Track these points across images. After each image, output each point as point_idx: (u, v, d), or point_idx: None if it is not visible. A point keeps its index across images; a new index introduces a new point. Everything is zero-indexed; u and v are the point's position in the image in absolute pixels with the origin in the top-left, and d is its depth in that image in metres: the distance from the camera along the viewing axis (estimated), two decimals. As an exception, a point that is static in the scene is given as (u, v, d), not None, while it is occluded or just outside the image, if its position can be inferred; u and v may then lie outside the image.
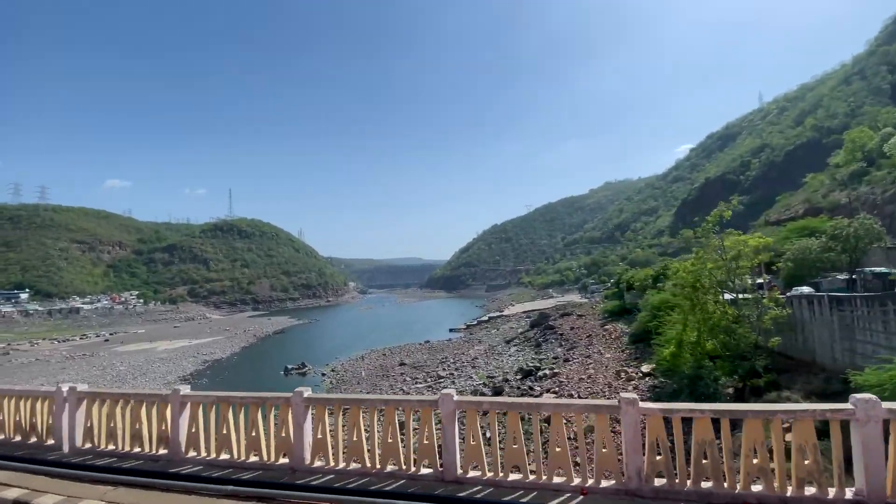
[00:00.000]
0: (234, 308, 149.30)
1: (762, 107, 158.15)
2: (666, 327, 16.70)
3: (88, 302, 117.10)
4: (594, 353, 23.51)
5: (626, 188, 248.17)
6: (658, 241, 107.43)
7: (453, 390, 5.81)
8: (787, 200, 52.22)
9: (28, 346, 72.33)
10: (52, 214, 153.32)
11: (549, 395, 17.32)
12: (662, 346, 15.75)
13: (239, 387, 43.60)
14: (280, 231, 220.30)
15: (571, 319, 43.27)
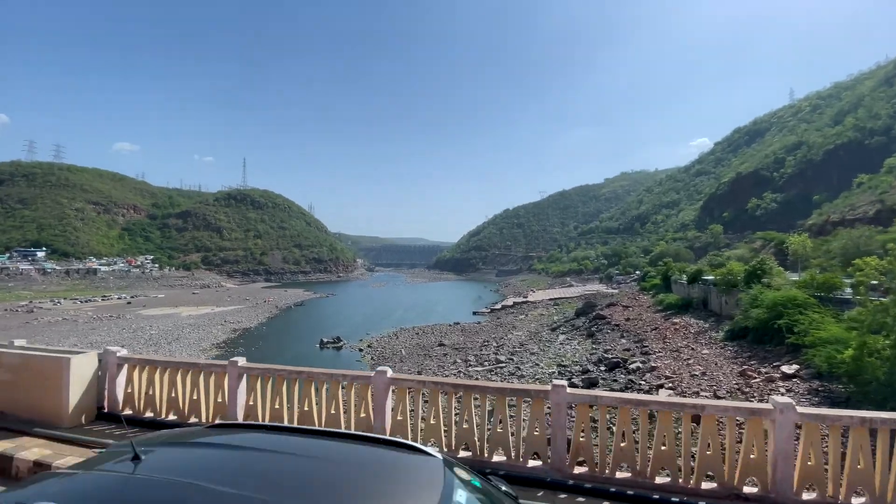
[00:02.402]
0: (247, 278, 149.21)
1: (793, 103, 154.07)
2: (806, 326, 15.75)
3: (105, 263, 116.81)
4: (682, 347, 22.53)
5: (644, 179, 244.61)
6: (682, 235, 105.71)
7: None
8: (849, 201, 50.45)
9: (51, 304, 72.12)
10: (66, 174, 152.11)
11: (663, 391, 16.40)
12: (809, 347, 14.78)
13: (276, 358, 43.13)
14: (292, 204, 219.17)
15: (618, 309, 42.26)
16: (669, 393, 16.06)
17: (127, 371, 7.25)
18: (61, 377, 6.59)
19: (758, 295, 20.62)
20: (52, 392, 6.62)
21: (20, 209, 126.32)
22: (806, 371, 14.26)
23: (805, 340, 15.39)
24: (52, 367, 6.70)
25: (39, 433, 6.18)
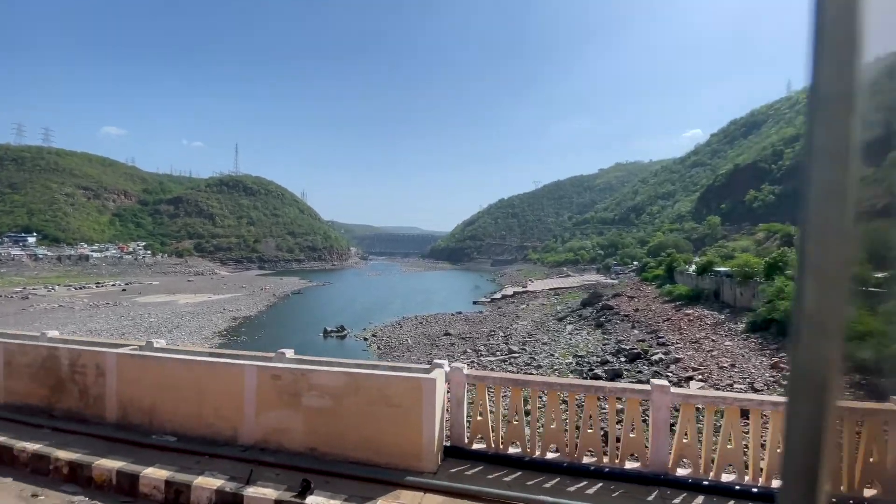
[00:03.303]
0: (241, 265, 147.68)
1: (790, 95, 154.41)
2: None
3: (97, 250, 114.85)
4: (701, 339, 22.51)
5: (638, 170, 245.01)
6: (679, 227, 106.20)
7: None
8: (853, 193, 50.52)
9: (45, 291, 70.79)
10: (56, 158, 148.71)
11: (693, 383, 16.31)
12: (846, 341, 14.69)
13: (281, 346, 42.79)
14: (285, 191, 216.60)
15: (624, 300, 42.33)
16: (701, 385, 15.99)
17: (476, 392, 6.17)
18: (419, 405, 5.28)
19: (783, 287, 20.60)
20: (408, 425, 5.34)
21: (10, 194, 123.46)
22: (842, 364, 14.20)
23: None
24: (405, 392, 5.40)
25: (414, 483, 4.87)
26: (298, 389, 5.72)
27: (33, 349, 7.37)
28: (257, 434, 5.90)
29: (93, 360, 6.87)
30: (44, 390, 7.15)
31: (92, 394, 6.85)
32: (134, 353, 6.92)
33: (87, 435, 6.30)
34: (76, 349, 7.11)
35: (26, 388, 7.32)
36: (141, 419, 6.54)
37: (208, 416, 6.17)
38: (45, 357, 7.19)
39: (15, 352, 7.44)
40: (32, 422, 6.76)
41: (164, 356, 6.76)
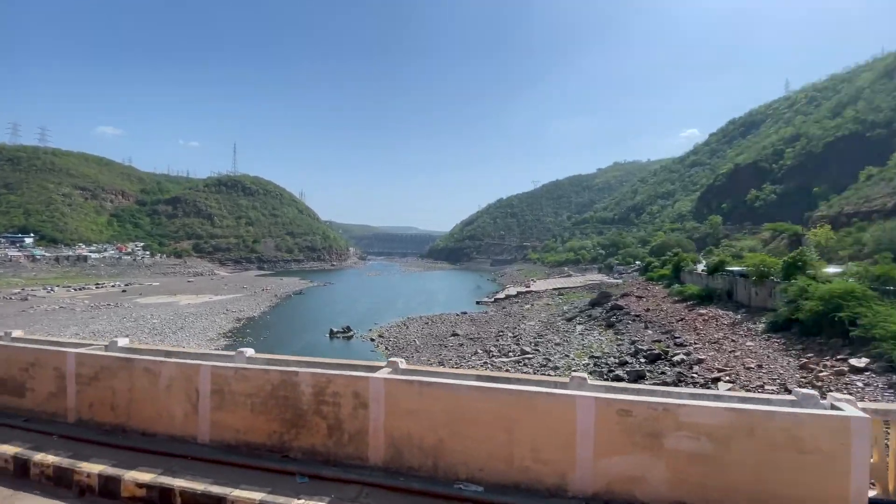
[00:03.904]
0: (240, 266, 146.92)
1: (789, 95, 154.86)
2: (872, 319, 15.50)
3: (95, 250, 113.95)
4: (721, 339, 22.31)
5: (636, 170, 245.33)
6: (681, 226, 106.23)
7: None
8: (861, 193, 50.64)
9: (44, 292, 70.06)
10: (52, 158, 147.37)
11: (722, 384, 16.08)
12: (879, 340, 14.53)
13: (287, 348, 42.31)
14: (284, 191, 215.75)
15: (633, 300, 42.14)
16: (730, 387, 15.76)
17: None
18: (847, 451, 4.26)
19: (806, 286, 20.42)
20: (830, 477, 4.28)
21: (6, 194, 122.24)
22: (878, 364, 14.06)
23: (874, 333, 15.17)
24: (825, 434, 4.32)
25: None
26: (659, 429, 4.76)
27: (258, 375, 6.30)
28: (598, 483, 4.94)
29: (349, 388, 5.88)
30: (274, 425, 6.12)
31: (347, 429, 5.85)
32: (410, 379, 5.86)
33: (352, 482, 5.28)
34: (323, 374, 6.06)
35: (246, 422, 6.26)
36: (420, 461, 5.54)
37: (522, 460, 5.19)
38: (276, 384, 6.12)
39: (230, 378, 6.39)
40: (255, 464, 5.70)
41: (454, 383, 5.69)
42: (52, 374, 7.51)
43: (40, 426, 7.17)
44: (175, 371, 6.70)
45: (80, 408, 7.33)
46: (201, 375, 6.51)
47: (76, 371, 7.33)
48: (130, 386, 6.95)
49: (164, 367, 6.78)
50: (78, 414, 7.33)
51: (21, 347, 8.02)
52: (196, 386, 6.53)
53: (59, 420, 7.40)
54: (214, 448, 6.31)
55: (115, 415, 7.05)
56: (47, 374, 7.56)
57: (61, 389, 7.43)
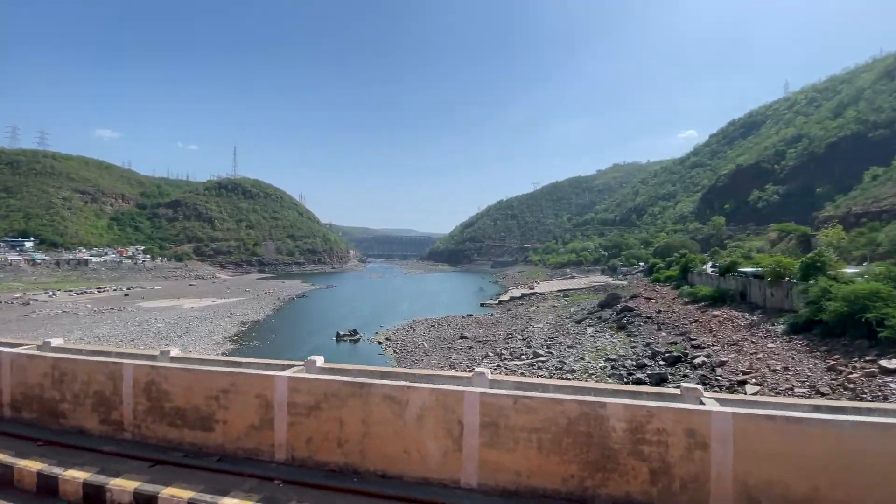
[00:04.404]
0: (241, 269, 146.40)
1: (788, 96, 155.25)
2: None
3: (96, 254, 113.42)
4: (739, 341, 22.08)
5: (636, 171, 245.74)
6: (683, 227, 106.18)
7: None
8: (867, 193, 50.56)
9: (46, 296, 69.59)
10: (52, 161, 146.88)
11: (749, 386, 15.84)
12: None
13: (294, 351, 41.97)
14: (284, 194, 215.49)
15: (642, 301, 41.92)
16: (757, 389, 15.53)
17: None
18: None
19: (828, 287, 20.22)
20: None
21: (5, 198, 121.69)
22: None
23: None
24: None
25: None
26: None
27: (548, 405, 5.27)
28: None
29: (679, 424, 4.92)
30: (572, 467, 5.17)
31: (679, 474, 4.92)
32: (772, 415, 4.82)
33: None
34: (642, 406, 5.09)
35: (531, 463, 5.28)
36: None
37: None
38: (573, 418, 5.20)
39: (507, 408, 5.36)
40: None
41: (833, 418, 4.62)
42: (255, 404, 6.39)
43: (237, 466, 6.08)
44: (429, 399, 5.65)
45: (294, 444, 6.20)
46: (467, 405, 5.48)
47: (289, 399, 6.22)
48: (365, 417, 5.90)
49: (413, 394, 5.75)
50: (290, 451, 6.21)
51: (211, 371, 6.81)
52: (459, 417, 5.50)
53: (263, 458, 6.30)
54: (486, 494, 5.32)
55: (342, 452, 5.97)
56: (247, 402, 6.43)
57: (266, 421, 6.33)
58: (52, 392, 7.55)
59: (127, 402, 7.08)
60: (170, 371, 6.98)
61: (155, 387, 6.94)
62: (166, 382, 6.89)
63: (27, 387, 7.73)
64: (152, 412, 6.97)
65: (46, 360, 7.63)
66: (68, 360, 7.51)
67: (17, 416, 7.76)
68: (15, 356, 7.87)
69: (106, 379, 7.20)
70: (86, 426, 7.34)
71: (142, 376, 7.03)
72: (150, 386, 6.97)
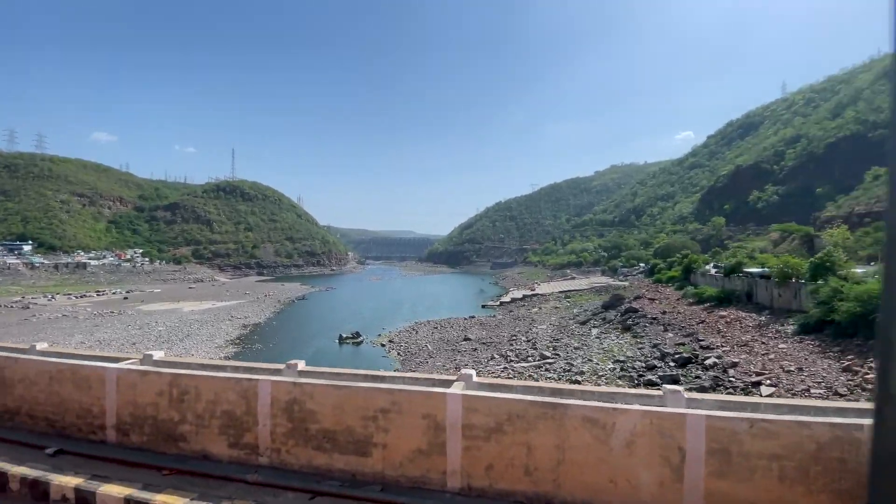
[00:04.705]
0: (239, 272, 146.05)
1: (786, 96, 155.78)
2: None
3: (94, 257, 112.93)
4: (749, 341, 21.99)
5: (634, 171, 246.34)
6: (683, 228, 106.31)
7: None
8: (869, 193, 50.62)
9: (45, 300, 69.19)
10: (49, 165, 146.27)
11: (764, 387, 15.73)
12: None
13: (297, 354, 41.77)
14: (282, 196, 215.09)
15: (645, 302, 41.85)
16: (772, 391, 15.41)
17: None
18: None
19: (840, 287, 20.16)
20: None
21: (3, 201, 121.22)
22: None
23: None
24: None
25: None
26: None
27: (792, 430, 4.64)
28: None
29: None
30: (821, 497, 4.56)
31: None
32: None
33: None
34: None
35: (771, 495, 4.69)
36: None
37: None
38: (823, 443, 4.56)
39: (740, 433, 4.76)
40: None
41: None
42: (421, 425, 5.75)
43: (406, 496, 5.45)
44: (641, 422, 5.11)
45: (470, 470, 5.59)
46: (690, 429, 4.92)
47: (464, 420, 5.58)
48: (560, 442, 5.36)
49: (621, 416, 5.20)
50: (466, 479, 5.60)
51: (368, 389, 6.02)
52: (679, 444, 4.98)
53: (432, 487, 5.67)
54: None
55: (531, 481, 5.40)
56: (412, 424, 5.78)
57: (436, 445, 5.67)
58: (169, 413, 6.67)
59: (263, 423, 6.25)
60: (316, 388, 6.14)
61: (298, 406, 6.12)
62: (312, 401, 6.08)
63: (137, 407, 6.85)
64: (294, 435, 6.15)
65: (163, 377, 6.76)
66: (190, 377, 6.68)
67: (124, 441, 6.90)
68: (123, 372, 7.01)
69: (237, 397, 6.34)
70: (212, 451, 6.48)
71: (281, 394, 6.19)
72: (291, 405, 6.14)
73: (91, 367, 7.21)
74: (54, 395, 7.33)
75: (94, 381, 7.09)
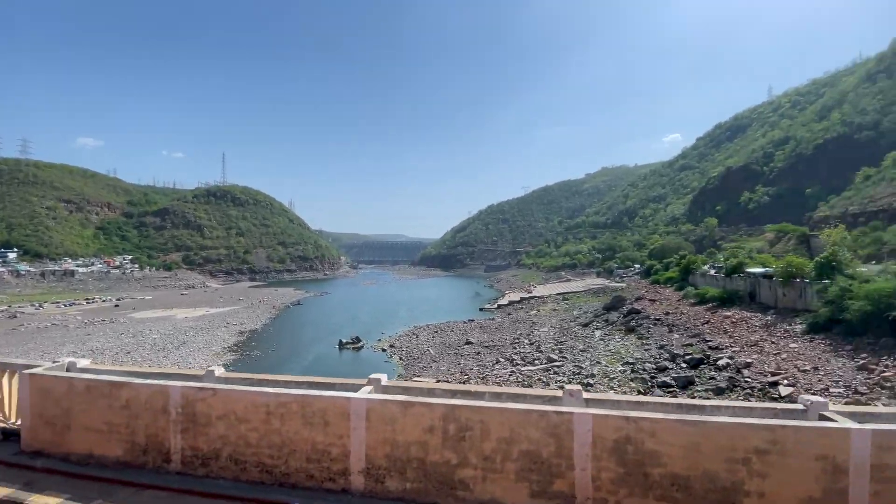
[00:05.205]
0: (231, 277, 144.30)
1: (772, 99, 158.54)
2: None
3: (82, 265, 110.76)
4: (759, 341, 22.05)
5: (624, 174, 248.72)
6: (675, 229, 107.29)
7: None
8: (867, 192, 51.37)
9: (33, 309, 67.55)
10: (34, 170, 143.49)
11: (782, 387, 15.70)
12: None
13: (297, 360, 41.13)
14: (273, 200, 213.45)
15: (646, 303, 41.96)
16: (790, 390, 15.40)
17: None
18: None
19: (848, 286, 20.30)
20: None
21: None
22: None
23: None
24: None
25: None
26: None
27: None
28: None
29: None
30: None
31: None
32: None
33: None
34: None
35: None
36: None
37: None
38: None
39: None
40: None
41: None
42: (814, 469, 4.63)
43: None
44: None
45: None
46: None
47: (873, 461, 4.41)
48: None
49: None
50: None
51: (737, 425, 4.86)
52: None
53: None
54: None
55: None
56: (800, 468, 4.66)
57: (835, 491, 4.51)
58: (443, 454, 5.48)
59: (582, 466, 5.11)
60: (658, 425, 4.96)
61: (633, 447, 5.01)
62: (652, 440, 4.96)
63: (396, 446, 5.61)
64: (628, 482, 4.98)
65: (434, 410, 5.54)
66: (473, 409, 5.48)
67: (376, 489, 5.64)
68: (375, 404, 5.74)
69: (543, 435, 5.22)
70: (506, 502, 5.31)
71: (607, 431, 5.05)
72: (623, 445, 5.03)
73: (328, 399, 5.86)
74: (273, 434, 5.90)
75: (332, 416, 5.78)
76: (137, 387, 6.05)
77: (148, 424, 5.99)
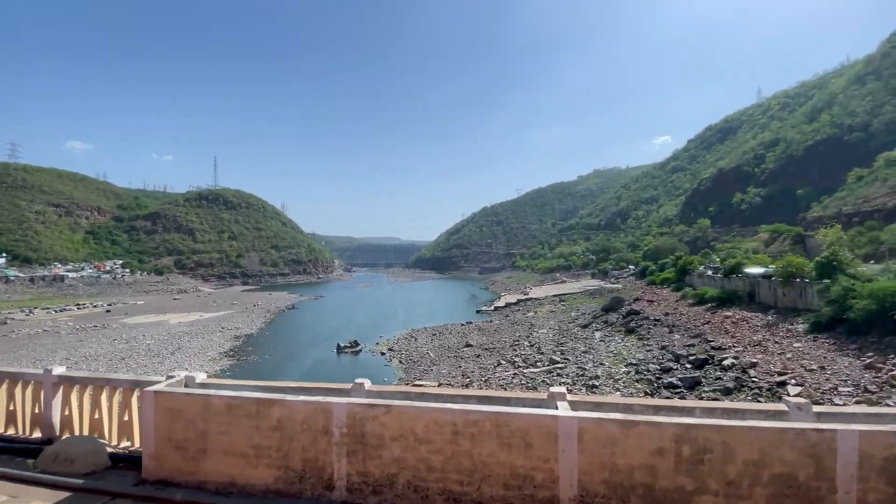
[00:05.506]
0: (224, 281, 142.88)
1: (762, 102, 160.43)
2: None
3: (72, 269, 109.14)
4: (762, 341, 22.13)
5: (616, 176, 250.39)
6: (669, 230, 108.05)
7: None
8: (861, 192, 51.92)
9: (23, 315, 66.35)
10: (23, 174, 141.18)
11: (791, 387, 15.71)
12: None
13: (296, 365, 40.69)
14: (266, 204, 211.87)
15: (644, 304, 42.09)
16: (799, 390, 15.42)
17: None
18: None
19: (851, 286, 20.44)
20: None
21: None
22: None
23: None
24: None
25: None
26: None
27: None
28: None
29: None
30: None
31: None
32: None
33: None
34: None
35: None
36: None
37: None
38: None
39: None
40: None
41: None
42: None
43: None
44: None
45: None
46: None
47: None
48: None
49: None
50: None
51: None
52: None
53: None
54: None
55: None
56: None
57: None
58: (675, 479, 4.67)
59: (846, 490, 4.38)
60: None
61: None
62: None
63: (616, 471, 4.80)
64: None
65: (663, 430, 4.68)
66: (712, 428, 4.64)
67: None
68: (589, 423, 4.94)
69: (799, 455, 4.41)
70: None
71: (876, 449, 4.27)
72: (893, 464, 4.27)
73: (530, 416, 5.04)
74: (463, 456, 5.13)
75: (536, 436, 4.97)
76: (292, 404, 5.37)
77: (305, 447, 5.30)
